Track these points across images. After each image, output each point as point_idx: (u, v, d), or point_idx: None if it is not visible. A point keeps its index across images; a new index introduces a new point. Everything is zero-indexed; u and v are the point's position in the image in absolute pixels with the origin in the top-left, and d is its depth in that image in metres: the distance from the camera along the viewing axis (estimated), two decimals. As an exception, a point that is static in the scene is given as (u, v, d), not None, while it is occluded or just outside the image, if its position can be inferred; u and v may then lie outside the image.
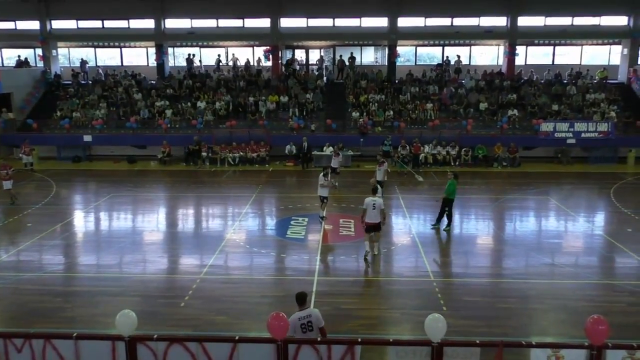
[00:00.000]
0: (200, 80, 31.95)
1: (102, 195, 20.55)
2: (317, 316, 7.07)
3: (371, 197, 13.24)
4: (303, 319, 6.98)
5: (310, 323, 6.98)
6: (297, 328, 6.90)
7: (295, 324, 6.87)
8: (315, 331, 6.99)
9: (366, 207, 13.08)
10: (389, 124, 28.04)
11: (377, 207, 13.03)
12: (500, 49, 33.49)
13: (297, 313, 7.04)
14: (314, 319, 7.03)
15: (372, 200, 13.12)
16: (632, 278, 12.45)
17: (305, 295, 7.30)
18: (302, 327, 6.94)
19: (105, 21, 33.04)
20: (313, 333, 6.94)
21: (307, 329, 6.96)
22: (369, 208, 13.03)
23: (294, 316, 6.98)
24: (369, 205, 13.03)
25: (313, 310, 7.18)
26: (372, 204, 13.04)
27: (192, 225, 17.70)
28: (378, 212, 13.04)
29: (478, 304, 10.94)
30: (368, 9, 31.56)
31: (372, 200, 13.10)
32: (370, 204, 13.04)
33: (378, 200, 13.22)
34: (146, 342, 5.45)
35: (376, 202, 13.08)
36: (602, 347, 5.14)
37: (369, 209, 13.03)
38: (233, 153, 26.60)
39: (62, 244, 14.94)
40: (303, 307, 7.13)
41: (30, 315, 10.47)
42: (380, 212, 13.07)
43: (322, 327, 7.05)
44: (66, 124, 28.41)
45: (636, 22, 30.94)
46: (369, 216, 13.06)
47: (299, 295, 7.24)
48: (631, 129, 27.58)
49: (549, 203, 19.41)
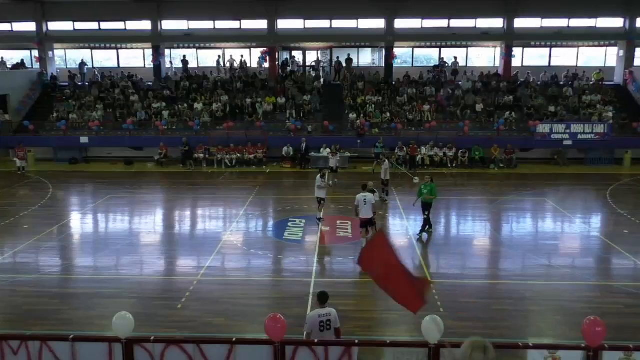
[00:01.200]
0: (197, 81, 31.93)
1: (99, 197, 20.51)
2: (336, 317, 7.20)
3: (362, 193, 13.69)
4: (323, 316, 7.11)
5: (329, 322, 7.10)
6: (316, 325, 7.01)
7: (314, 321, 7.01)
8: (331, 331, 7.07)
9: (357, 203, 13.53)
10: (385, 125, 28.06)
11: (368, 203, 13.47)
12: (496, 50, 33.59)
13: (318, 310, 7.20)
14: (333, 319, 7.15)
15: (362, 196, 13.60)
16: (628, 279, 12.48)
17: (327, 295, 7.40)
18: (320, 325, 7.03)
19: (101, 23, 32.99)
20: (330, 332, 7.03)
21: (325, 327, 7.05)
22: (360, 204, 13.49)
23: (314, 313, 7.16)
24: (360, 201, 13.53)
25: (332, 310, 7.28)
26: (363, 199, 13.52)
27: (189, 226, 17.67)
28: (369, 207, 13.46)
29: (475, 305, 10.95)
30: (365, 10, 31.60)
31: (363, 196, 13.58)
32: (361, 200, 13.53)
33: (368, 195, 13.66)
34: (143, 344, 5.44)
35: (367, 198, 13.55)
36: (599, 348, 5.15)
37: (360, 205, 13.48)
38: (230, 155, 26.59)
39: (58, 246, 14.90)
40: (323, 306, 7.22)
41: (27, 317, 10.43)
42: (372, 207, 13.52)
43: (338, 328, 7.19)
44: (63, 125, 28.35)
45: (632, 24, 31.08)
46: (362, 212, 13.49)
47: (322, 294, 7.38)
48: (627, 130, 27.68)
49: (546, 204, 19.45)
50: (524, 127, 27.85)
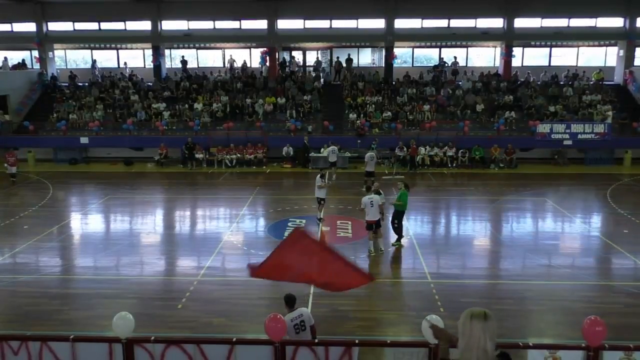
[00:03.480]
0: (197, 81, 31.94)
1: (99, 197, 20.52)
2: (308, 315, 7.22)
3: (367, 195, 13.52)
4: (295, 319, 7.08)
5: (302, 323, 7.07)
6: (290, 329, 6.93)
7: (288, 326, 6.91)
8: (307, 330, 7.04)
9: (364, 206, 13.34)
10: (386, 125, 28.06)
11: (375, 204, 13.32)
12: (496, 50, 33.59)
13: (288, 315, 7.11)
14: (306, 318, 7.15)
15: (369, 198, 13.42)
16: (629, 279, 12.48)
17: (295, 298, 7.39)
18: (295, 328, 7.00)
19: (101, 23, 32.99)
20: (306, 332, 7.01)
21: (300, 329, 7.04)
22: (367, 207, 13.29)
23: (286, 318, 7.02)
24: (367, 204, 13.30)
25: (303, 309, 7.28)
26: (370, 202, 13.34)
27: (189, 227, 17.67)
28: (376, 209, 13.33)
29: (475, 305, 10.86)
30: (365, 10, 31.60)
31: (369, 199, 13.39)
32: (368, 203, 13.33)
33: (375, 197, 13.50)
34: (143, 345, 5.44)
35: (374, 200, 13.39)
36: (599, 348, 5.14)
37: (367, 208, 13.30)
38: (230, 155, 26.59)
39: (58, 246, 14.90)
40: (292, 309, 7.18)
41: (27, 317, 10.43)
42: (379, 208, 13.39)
43: (312, 325, 7.16)
44: (63, 126, 28.35)
45: (632, 23, 31.08)
46: (369, 214, 13.32)
47: (289, 297, 7.35)
48: (627, 130, 27.68)
49: (546, 204, 19.45)
50: (524, 127, 27.85)
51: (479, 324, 3.45)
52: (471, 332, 3.45)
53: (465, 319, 3.51)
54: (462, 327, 3.52)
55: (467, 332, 3.47)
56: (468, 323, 3.48)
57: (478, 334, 3.43)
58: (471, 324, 3.46)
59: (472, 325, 3.46)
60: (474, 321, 3.47)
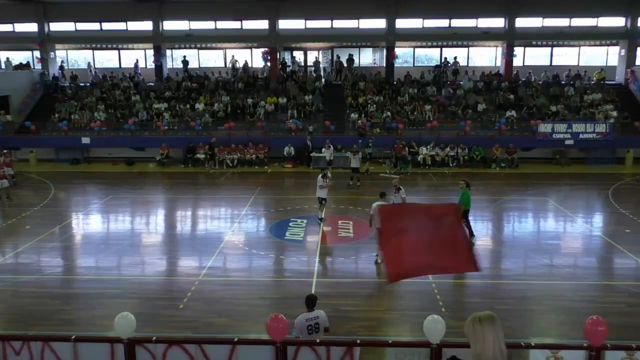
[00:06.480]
0: (198, 82, 31.95)
1: (100, 198, 20.53)
2: (324, 318, 7.23)
3: (379, 201, 12.97)
4: (310, 320, 7.12)
5: (317, 325, 7.10)
6: (304, 329, 6.99)
7: (302, 325, 6.99)
8: (320, 332, 7.07)
9: (374, 212, 12.66)
10: (387, 125, 28.03)
11: None
12: (498, 50, 33.54)
13: (305, 314, 7.17)
14: (321, 321, 7.18)
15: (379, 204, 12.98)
16: (630, 279, 12.46)
17: (316, 299, 7.44)
18: (308, 328, 7.03)
19: (103, 23, 33.00)
20: (319, 334, 7.04)
21: (314, 330, 7.06)
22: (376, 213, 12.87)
23: (301, 317, 7.10)
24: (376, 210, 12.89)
25: (320, 312, 7.28)
26: None
27: (191, 227, 17.68)
28: None
29: (477, 305, 10.92)
30: (366, 10, 31.58)
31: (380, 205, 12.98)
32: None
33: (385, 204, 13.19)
34: (145, 345, 5.44)
35: None
36: (601, 348, 5.13)
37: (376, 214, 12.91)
38: (231, 155, 26.59)
39: (60, 246, 14.92)
40: (312, 309, 7.20)
41: (29, 317, 10.44)
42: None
43: (327, 328, 7.19)
44: (64, 126, 28.37)
45: (634, 23, 31.03)
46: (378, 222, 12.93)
47: (310, 297, 7.39)
48: (629, 129, 27.62)
49: (547, 204, 19.42)
50: (526, 126, 27.80)
51: (490, 326, 3.45)
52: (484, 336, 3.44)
53: (475, 325, 3.50)
54: (473, 334, 3.50)
55: (480, 337, 3.46)
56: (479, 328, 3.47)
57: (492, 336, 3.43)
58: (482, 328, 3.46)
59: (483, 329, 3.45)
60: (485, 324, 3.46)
